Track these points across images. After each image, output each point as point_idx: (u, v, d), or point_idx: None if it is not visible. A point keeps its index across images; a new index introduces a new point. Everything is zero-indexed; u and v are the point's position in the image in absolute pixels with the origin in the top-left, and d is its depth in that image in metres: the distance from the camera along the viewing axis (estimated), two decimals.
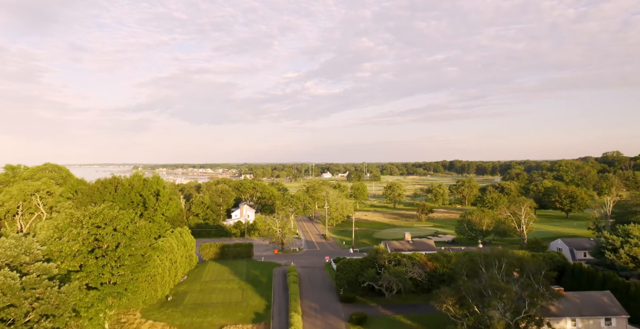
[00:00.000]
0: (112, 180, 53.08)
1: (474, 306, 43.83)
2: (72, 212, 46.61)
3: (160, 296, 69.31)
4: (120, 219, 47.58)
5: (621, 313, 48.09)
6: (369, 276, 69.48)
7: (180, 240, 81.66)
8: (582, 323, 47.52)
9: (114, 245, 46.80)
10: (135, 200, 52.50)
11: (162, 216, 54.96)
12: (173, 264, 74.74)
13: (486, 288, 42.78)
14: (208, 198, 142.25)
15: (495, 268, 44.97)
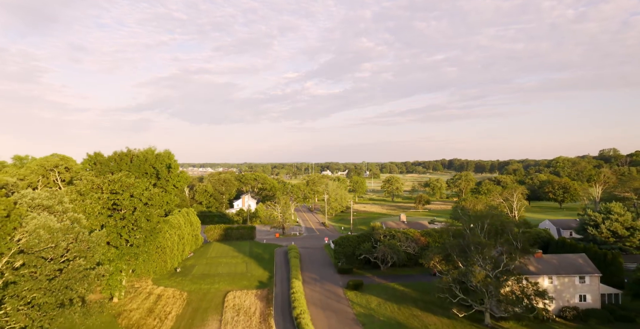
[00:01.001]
0: (127, 153, 57.57)
1: (458, 261, 48.38)
2: (92, 179, 51.04)
3: (169, 268, 73.89)
4: (136, 186, 52.07)
5: (594, 272, 52.57)
6: (365, 249, 74.02)
7: (187, 218, 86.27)
8: (558, 280, 51.98)
9: (131, 210, 51.32)
10: (149, 171, 56.92)
11: (173, 187, 59.38)
12: (181, 239, 79.27)
13: (469, 244, 47.30)
14: (211, 187, 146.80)
15: (478, 228, 49.41)
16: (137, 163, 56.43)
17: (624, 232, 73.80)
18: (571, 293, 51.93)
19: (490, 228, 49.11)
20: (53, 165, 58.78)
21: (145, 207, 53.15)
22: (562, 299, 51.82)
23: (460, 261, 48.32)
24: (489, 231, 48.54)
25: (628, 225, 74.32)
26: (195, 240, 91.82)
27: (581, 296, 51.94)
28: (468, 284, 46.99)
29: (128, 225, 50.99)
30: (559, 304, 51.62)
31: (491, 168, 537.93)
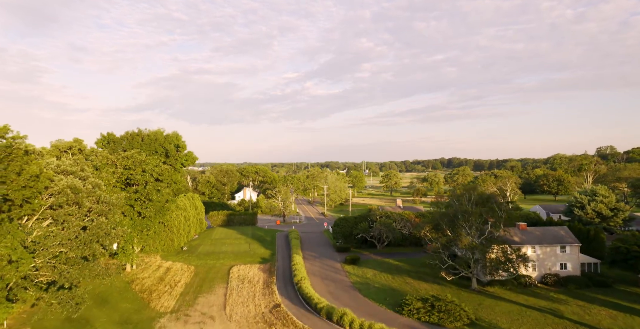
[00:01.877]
0: (138, 133, 61.32)
1: (447, 230, 52.23)
2: (107, 155, 54.76)
3: (176, 246, 77.73)
4: (148, 163, 55.79)
5: (574, 242, 56.39)
6: (362, 228, 77.86)
7: (192, 202, 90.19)
8: (540, 250, 55.78)
9: (143, 184, 55.13)
10: (158, 150, 60.60)
11: (181, 166, 63.12)
12: (186, 221, 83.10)
13: (456, 213, 51.13)
14: (213, 178, 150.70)
15: (466, 199, 53.12)
16: (148, 142, 60.21)
17: (608, 212, 77.64)
18: (553, 262, 55.76)
19: (477, 200, 52.83)
20: (67, 147, 62.40)
21: (156, 182, 57.00)
22: (544, 267, 55.65)
23: (448, 230, 52.17)
24: (475, 202, 52.27)
25: (612, 206, 78.17)
26: (200, 224, 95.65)
27: (562, 264, 55.78)
28: (456, 250, 50.79)
29: (140, 198, 54.80)
30: (541, 271, 55.46)
31: (490, 166, 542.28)
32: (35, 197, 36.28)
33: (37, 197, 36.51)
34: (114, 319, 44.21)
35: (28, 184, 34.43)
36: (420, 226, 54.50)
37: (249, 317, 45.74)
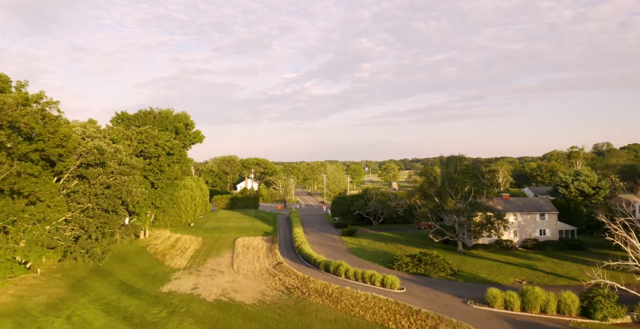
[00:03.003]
0: (150, 111, 66.08)
1: (435, 197, 57.10)
2: (122, 130, 59.47)
3: (184, 222, 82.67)
4: (160, 137, 60.56)
5: (552, 210, 61.26)
6: (358, 205, 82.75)
7: (197, 183, 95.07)
8: (521, 217, 60.61)
9: (156, 157, 59.95)
10: (169, 127, 65.27)
11: (190, 142, 67.86)
12: (193, 200, 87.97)
13: (443, 181, 55.99)
14: (216, 167, 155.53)
15: (452, 169, 57.88)
16: (159, 120, 64.91)
17: (590, 191, 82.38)
18: (532, 228, 60.63)
19: (463, 169, 57.58)
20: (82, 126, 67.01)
21: (167, 156, 61.86)
22: (525, 233, 60.51)
23: (436, 196, 57.05)
24: (462, 172, 57.00)
25: (594, 185, 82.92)
26: (205, 206, 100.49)
27: (541, 230, 60.65)
28: (443, 214, 55.69)
29: (154, 169, 59.63)
30: (522, 237, 60.32)
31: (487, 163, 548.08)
32: (67, 156, 41.12)
33: (69, 156, 41.35)
34: (134, 272, 49.05)
35: (61, 143, 39.24)
36: (411, 194, 59.30)
37: (254, 271, 50.63)
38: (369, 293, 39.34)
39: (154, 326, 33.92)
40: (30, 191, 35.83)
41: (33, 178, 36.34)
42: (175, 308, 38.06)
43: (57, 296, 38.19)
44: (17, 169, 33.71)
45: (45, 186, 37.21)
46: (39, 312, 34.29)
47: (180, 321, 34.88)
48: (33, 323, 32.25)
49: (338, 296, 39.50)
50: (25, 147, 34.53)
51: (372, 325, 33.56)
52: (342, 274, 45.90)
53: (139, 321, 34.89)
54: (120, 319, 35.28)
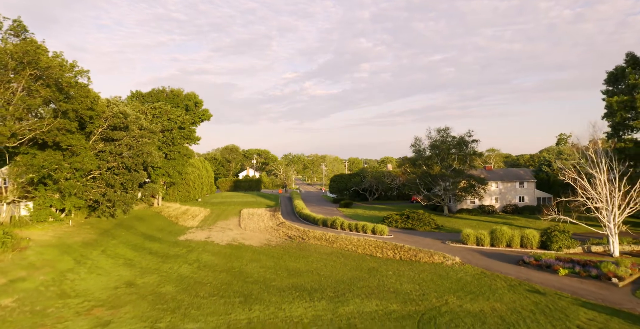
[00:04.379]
0: (162, 89, 71.87)
1: (423, 165, 62.87)
2: (138, 105, 65.12)
3: (192, 198, 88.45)
4: (172, 112, 66.31)
5: (531, 179, 67.12)
6: (355, 182, 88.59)
7: (203, 164, 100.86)
8: (502, 185, 66.42)
9: (169, 130, 65.76)
10: (180, 104, 70.94)
11: (199, 119, 73.55)
12: (200, 178, 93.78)
13: (431, 150, 61.78)
14: (219, 155, 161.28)
15: (438, 139, 63.58)
16: (171, 97, 70.54)
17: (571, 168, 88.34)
18: (512, 195, 66.43)
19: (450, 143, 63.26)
20: None
21: (179, 130, 67.67)
22: (506, 199, 66.31)
23: (424, 165, 62.85)
24: (447, 141, 62.71)
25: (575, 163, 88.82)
26: (210, 186, 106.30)
27: (520, 197, 66.47)
28: (430, 181, 61.49)
29: (167, 141, 65.41)
30: (502, 203, 66.13)
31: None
32: (96, 118, 46.88)
33: (98, 119, 47.10)
34: (153, 227, 54.84)
35: (91, 106, 44.95)
36: (402, 163, 65.10)
37: (260, 228, 56.47)
38: (361, 237, 45.16)
39: (176, 257, 39.76)
40: (67, 145, 41.48)
41: (70, 134, 42.05)
42: (193, 248, 43.90)
43: (90, 238, 43.97)
44: (58, 124, 39.37)
45: (80, 141, 42.94)
46: (78, 246, 40.07)
47: (199, 254, 40.73)
48: (75, 252, 38.03)
49: (334, 239, 45.33)
50: (65, 105, 40.19)
51: (362, 255, 39.43)
52: (338, 227, 51.73)
53: (163, 255, 40.73)
54: (146, 253, 41.12)
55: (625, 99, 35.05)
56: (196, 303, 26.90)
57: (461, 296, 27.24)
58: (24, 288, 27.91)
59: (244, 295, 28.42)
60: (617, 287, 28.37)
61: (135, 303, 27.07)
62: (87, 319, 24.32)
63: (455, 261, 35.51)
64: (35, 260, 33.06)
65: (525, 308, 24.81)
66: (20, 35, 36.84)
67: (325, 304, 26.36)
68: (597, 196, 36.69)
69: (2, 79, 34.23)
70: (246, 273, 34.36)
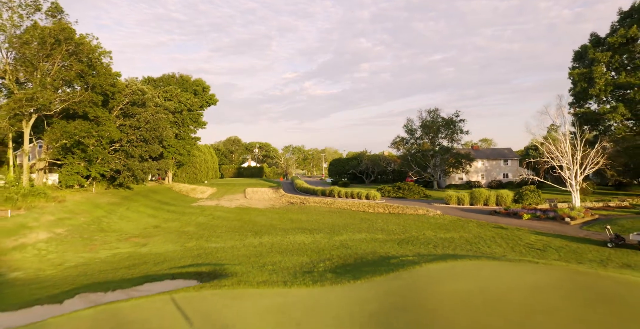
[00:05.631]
0: (172, 75, 77.23)
1: (415, 144, 68.14)
2: (151, 88, 70.19)
3: (198, 180, 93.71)
4: (182, 95, 71.57)
5: (514, 157, 72.39)
6: (352, 165, 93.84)
7: (208, 150, 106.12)
8: (488, 162, 71.70)
9: (179, 112, 71.07)
10: (189, 89, 76.27)
11: (206, 103, 78.77)
12: (205, 162, 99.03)
13: (422, 129, 67.03)
14: (222, 146, 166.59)
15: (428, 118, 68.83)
16: (181, 82, 75.84)
17: None
18: (497, 172, 71.71)
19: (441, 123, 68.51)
20: None
21: (188, 112, 72.96)
22: (491, 176, 71.58)
23: (415, 144, 68.14)
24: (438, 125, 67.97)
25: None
26: (215, 171, 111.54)
27: (504, 174, 71.74)
28: (420, 157, 66.81)
29: (178, 121, 70.72)
30: (488, 179, 71.40)
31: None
32: (117, 95, 52.07)
33: (119, 96, 52.29)
34: (167, 197, 60.07)
35: (113, 82, 50.15)
36: (394, 142, 70.44)
37: (264, 198, 61.78)
38: (356, 201, 50.44)
39: (192, 214, 45.04)
40: (94, 116, 46.65)
41: (96, 107, 47.25)
42: (206, 209, 49.18)
43: (114, 201, 49.22)
44: (88, 96, 44.54)
45: (105, 114, 48.15)
46: (105, 205, 45.34)
47: (212, 212, 46.02)
48: (104, 207, 43.29)
49: (331, 203, 50.62)
50: (93, 79, 45.40)
51: (356, 211, 44.73)
52: (336, 195, 57.02)
53: (180, 212, 46.01)
54: (165, 211, 46.39)
55: (584, 71, 40.22)
56: (215, 235, 32.18)
57: (437, 231, 32.54)
58: (70, 224, 33.20)
59: (254, 232, 33.70)
60: (569, 225, 33.67)
61: (164, 235, 32.36)
62: (127, 243, 29.61)
63: (437, 213, 40.78)
64: (74, 208, 38.34)
65: (487, 236, 30.10)
66: (56, 16, 42.02)
67: (323, 235, 31.64)
68: (560, 156, 41.99)
69: (43, 53, 39.40)
70: (255, 221, 39.64)
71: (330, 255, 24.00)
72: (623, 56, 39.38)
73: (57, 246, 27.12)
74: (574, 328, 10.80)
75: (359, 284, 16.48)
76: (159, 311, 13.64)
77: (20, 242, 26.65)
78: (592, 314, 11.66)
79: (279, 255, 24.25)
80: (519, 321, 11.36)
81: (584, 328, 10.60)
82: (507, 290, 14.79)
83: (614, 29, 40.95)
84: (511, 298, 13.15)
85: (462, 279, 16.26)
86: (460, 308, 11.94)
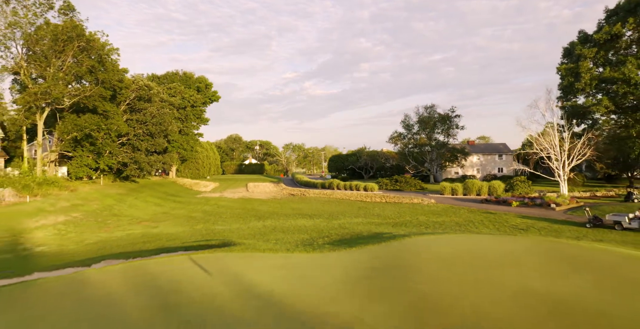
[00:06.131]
0: (176, 72, 79.27)
1: (412, 139, 70.16)
2: (155, 85, 72.14)
3: (201, 175, 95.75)
4: (186, 92, 73.57)
5: (509, 152, 74.36)
6: (351, 160, 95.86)
7: (210, 146, 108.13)
8: (484, 157, 73.71)
9: (183, 108, 73.05)
10: (192, 86, 78.29)
11: (209, 100, 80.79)
12: (207, 158, 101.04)
13: (419, 124, 69.02)
14: (224, 144, 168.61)
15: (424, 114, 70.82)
16: (184, 79, 77.86)
17: None
18: (492, 166, 73.72)
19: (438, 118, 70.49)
20: None
21: (192, 108, 74.96)
22: (486, 170, 73.58)
23: (412, 139, 70.16)
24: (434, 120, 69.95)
25: None
26: (217, 168, 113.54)
27: (499, 168, 73.75)
28: (415, 151, 68.81)
29: (182, 118, 72.73)
30: (483, 173, 73.40)
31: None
32: (125, 90, 54.05)
33: (126, 91, 54.28)
34: (172, 190, 62.13)
35: (120, 78, 52.14)
36: (391, 137, 72.42)
37: (265, 191, 63.80)
38: (354, 192, 52.45)
39: (197, 203, 47.03)
40: (103, 110, 48.67)
41: (104, 101, 49.23)
42: (210, 200, 51.18)
43: (122, 192, 51.22)
44: (98, 91, 46.52)
45: (113, 108, 50.15)
46: (114, 194, 47.36)
47: (216, 202, 48.02)
48: (111, 198, 45.29)
49: (330, 194, 52.65)
50: (102, 74, 47.38)
51: (354, 201, 46.74)
52: (335, 187, 59.04)
53: (186, 202, 48.01)
54: (172, 201, 48.39)
55: (572, 66, 42.15)
56: (221, 220, 34.20)
57: (429, 216, 34.56)
58: (84, 209, 35.23)
59: (257, 217, 35.73)
60: (554, 210, 35.69)
61: (173, 220, 34.38)
62: (139, 226, 31.62)
63: (431, 201, 42.80)
64: (86, 196, 40.37)
65: (476, 220, 32.11)
66: (68, 14, 44.00)
67: (322, 220, 33.65)
68: (549, 147, 44.02)
69: (56, 49, 41.38)
70: (258, 209, 41.66)
71: (329, 233, 26.03)
72: (608, 52, 41.34)
73: (75, 228, 29.14)
74: (533, 275, 12.91)
75: (353, 251, 18.55)
76: (179, 265, 15.70)
77: (41, 223, 28.66)
78: (554, 267, 13.79)
79: (282, 233, 26.27)
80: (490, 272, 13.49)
81: (541, 275, 12.72)
82: (484, 252, 16.89)
83: (600, 26, 42.91)
84: (486, 257, 15.21)
85: (446, 246, 18.33)
86: (441, 266, 13.94)
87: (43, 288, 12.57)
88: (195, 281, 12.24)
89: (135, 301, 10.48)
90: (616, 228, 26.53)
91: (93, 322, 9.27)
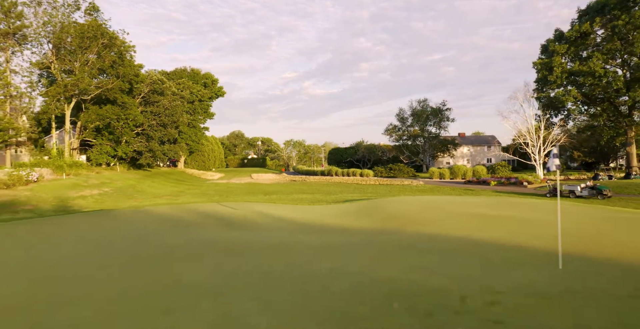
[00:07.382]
0: (184, 69, 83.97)
1: (405, 130, 74.85)
2: (165, 80, 76.92)
3: (207, 167, 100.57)
4: (193, 87, 78.30)
5: (498, 143, 79.06)
6: (349, 153, 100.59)
7: (215, 140, 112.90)
8: (473, 148, 78.40)
9: (191, 102, 77.80)
10: (199, 82, 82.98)
11: (215, 95, 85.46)
12: (213, 152, 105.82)
13: (412, 117, 73.71)
14: (226, 140, 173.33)
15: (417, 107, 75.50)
16: (192, 75, 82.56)
17: None
18: (481, 157, 78.45)
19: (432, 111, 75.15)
20: None
21: (199, 103, 79.75)
22: (476, 160, 78.33)
23: (406, 130, 74.88)
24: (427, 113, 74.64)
25: None
26: (221, 161, 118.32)
27: (488, 158, 78.49)
28: (409, 143, 73.52)
29: (190, 111, 77.52)
30: (473, 163, 78.10)
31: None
32: (140, 84, 58.75)
33: (142, 85, 58.97)
34: (182, 177, 66.90)
35: (136, 72, 56.82)
36: (387, 129, 77.20)
37: (269, 179, 68.57)
38: (351, 177, 57.23)
39: (209, 186, 51.81)
40: (122, 102, 53.40)
41: (123, 93, 53.95)
42: (219, 185, 55.97)
43: (138, 177, 55.99)
44: (118, 84, 51.20)
45: (130, 100, 54.89)
46: (133, 178, 52.12)
47: (226, 185, 52.77)
48: (131, 180, 50.06)
49: (329, 179, 57.43)
50: (121, 69, 52.10)
51: (351, 184, 51.50)
52: (333, 174, 63.82)
53: (198, 185, 52.79)
54: (185, 185, 53.17)
55: (546, 61, 46.83)
56: (232, 196, 38.97)
57: (415, 193, 39.33)
58: (112, 186, 40.02)
59: (264, 193, 40.52)
60: (526, 187, 40.45)
61: (190, 195, 39.18)
62: (161, 199, 36.40)
63: (419, 183, 47.56)
64: (110, 176, 45.18)
65: (456, 192, 36.88)
66: (92, 14, 48.72)
67: (321, 195, 38.43)
68: (526, 134, 48.77)
69: (82, 46, 46.12)
70: (264, 189, 46.45)
71: (327, 200, 30.82)
72: (578, 48, 45.97)
73: (109, 198, 33.92)
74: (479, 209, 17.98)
75: (346, 204, 23.54)
76: (212, 206, 20.55)
77: (80, 194, 33.44)
78: (494, 206, 18.91)
79: (288, 202, 31.07)
80: (447, 207, 18.61)
81: (484, 209, 17.77)
82: (447, 202, 21.93)
83: (572, 24, 47.58)
84: (448, 205, 20.11)
85: (420, 201, 23.35)
86: (412, 210, 18.77)
87: (118, 214, 17.47)
88: (227, 211, 17.19)
89: (204, 219, 15.41)
90: (570, 196, 31.26)
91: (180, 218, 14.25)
